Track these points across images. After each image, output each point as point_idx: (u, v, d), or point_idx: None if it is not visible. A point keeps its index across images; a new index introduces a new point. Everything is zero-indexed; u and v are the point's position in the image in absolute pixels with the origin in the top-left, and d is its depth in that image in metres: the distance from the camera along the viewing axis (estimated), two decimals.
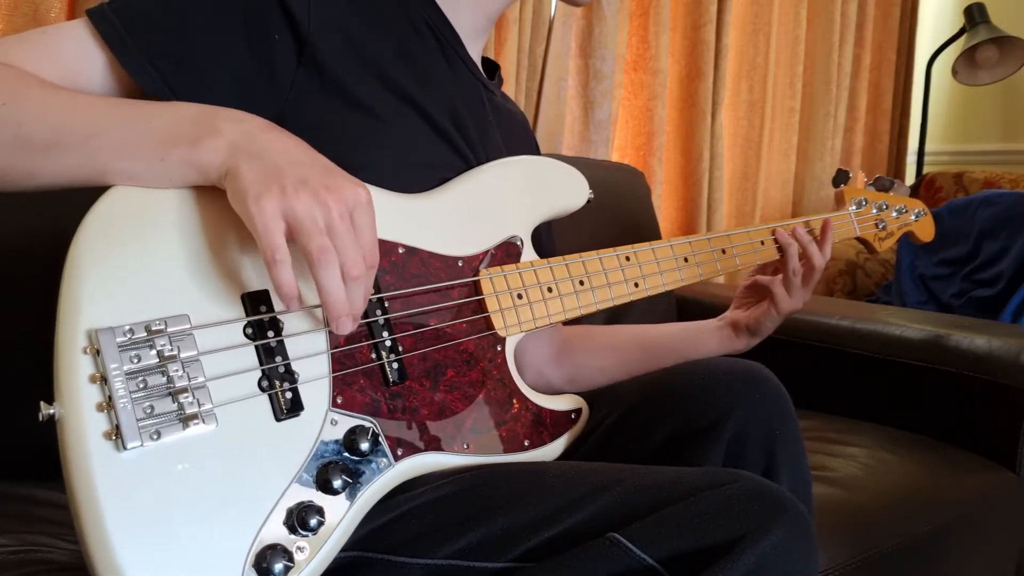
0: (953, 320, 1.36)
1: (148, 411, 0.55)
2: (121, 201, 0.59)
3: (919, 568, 1.07)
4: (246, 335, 0.60)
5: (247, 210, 0.56)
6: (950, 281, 1.80)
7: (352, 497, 0.62)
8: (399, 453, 0.66)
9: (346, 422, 0.63)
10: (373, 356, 0.66)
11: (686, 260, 0.88)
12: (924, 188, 2.23)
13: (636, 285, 0.84)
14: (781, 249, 0.92)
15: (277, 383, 0.60)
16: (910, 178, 2.58)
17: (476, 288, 0.74)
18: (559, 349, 0.96)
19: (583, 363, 0.95)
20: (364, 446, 0.62)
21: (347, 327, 0.57)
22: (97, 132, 0.59)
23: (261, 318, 0.61)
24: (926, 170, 2.41)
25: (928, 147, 2.52)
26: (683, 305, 1.62)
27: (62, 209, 0.62)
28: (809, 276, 0.91)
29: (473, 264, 0.74)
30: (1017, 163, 2.41)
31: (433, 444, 0.68)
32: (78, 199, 0.60)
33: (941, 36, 2.54)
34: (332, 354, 0.64)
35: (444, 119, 0.77)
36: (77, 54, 0.65)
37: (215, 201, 0.61)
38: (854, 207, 1.04)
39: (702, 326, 0.95)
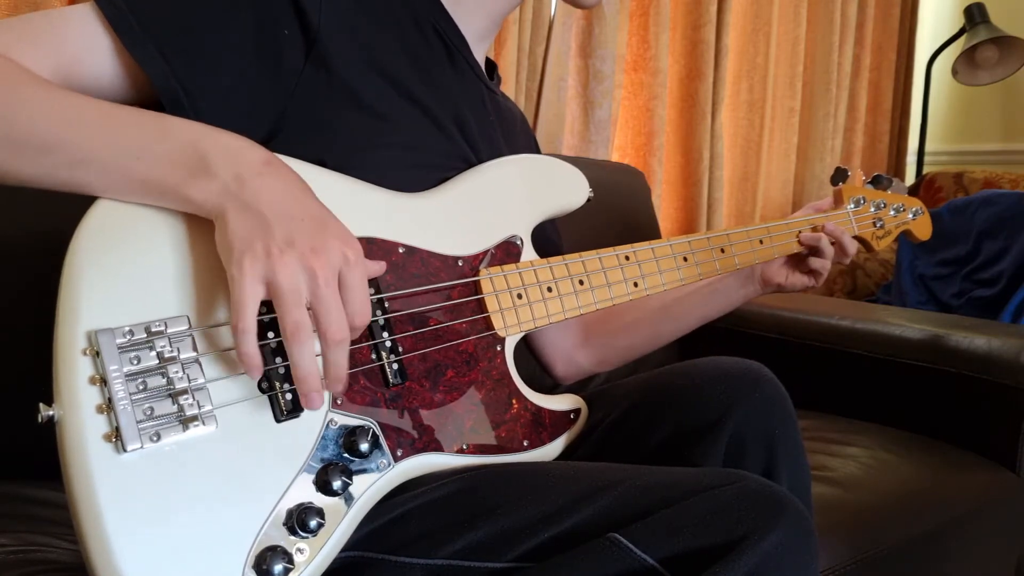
0: (953, 320, 1.36)
1: (148, 413, 0.55)
2: (120, 203, 0.59)
3: (919, 568, 1.07)
4: None
5: (229, 268, 0.55)
6: (950, 281, 1.80)
7: (352, 498, 0.62)
8: (399, 454, 0.66)
9: (346, 423, 0.63)
10: (373, 357, 0.66)
11: (685, 260, 0.88)
12: (924, 188, 2.23)
13: (635, 285, 0.84)
14: (813, 249, 0.97)
15: (277, 384, 0.60)
16: (910, 178, 2.58)
17: (476, 288, 0.74)
18: (585, 333, 0.98)
19: (611, 343, 0.97)
20: (364, 447, 0.62)
21: (316, 403, 0.56)
22: (89, 159, 0.58)
23: (261, 319, 0.61)
24: (926, 170, 2.41)
25: (928, 147, 2.52)
26: None
27: (62, 209, 0.62)
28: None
29: (473, 264, 0.74)
30: (1017, 163, 2.41)
31: (433, 444, 0.68)
32: (78, 199, 0.59)
33: (941, 36, 2.54)
34: None
35: (448, 121, 0.77)
36: (82, 39, 0.63)
37: None
38: (852, 205, 1.04)
39: (728, 284, 0.98)
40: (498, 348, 0.74)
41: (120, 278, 0.57)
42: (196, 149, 0.58)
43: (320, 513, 0.59)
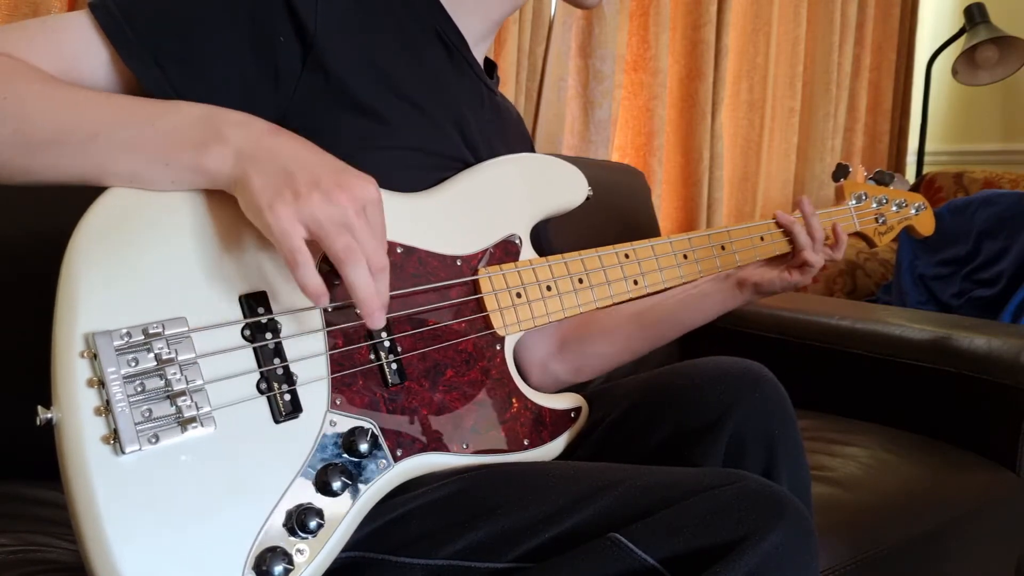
0: (953, 320, 1.36)
1: (146, 415, 0.55)
2: (117, 204, 0.59)
3: (919, 568, 1.07)
4: (244, 337, 0.60)
5: (263, 219, 0.56)
6: (950, 281, 1.80)
7: (352, 498, 0.62)
8: (398, 454, 0.65)
9: (345, 423, 0.63)
10: (372, 357, 0.66)
11: (685, 257, 0.88)
12: (924, 188, 2.23)
13: (635, 283, 0.84)
14: (788, 232, 0.94)
15: (275, 385, 0.60)
16: (910, 178, 2.57)
17: (475, 287, 0.74)
18: (560, 342, 0.97)
19: (587, 351, 0.96)
20: (363, 447, 0.62)
21: (381, 320, 0.58)
22: (99, 133, 0.59)
23: (259, 320, 0.61)
24: (926, 170, 2.41)
25: (928, 147, 2.52)
26: None
27: (62, 209, 0.62)
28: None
29: (472, 263, 0.74)
30: (1017, 163, 2.41)
31: (433, 444, 0.68)
32: (78, 200, 0.59)
33: (941, 36, 2.54)
34: (330, 355, 0.64)
35: (447, 121, 0.77)
36: (78, 47, 0.64)
37: (212, 203, 0.61)
38: (854, 201, 1.04)
39: (702, 288, 0.95)
40: (497, 347, 0.74)
41: (118, 280, 0.57)
42: (207, 120, 0.60)
43: (320, 514, 0.59)
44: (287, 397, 0.60)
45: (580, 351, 0.96)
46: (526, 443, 0.74)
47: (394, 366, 0.67)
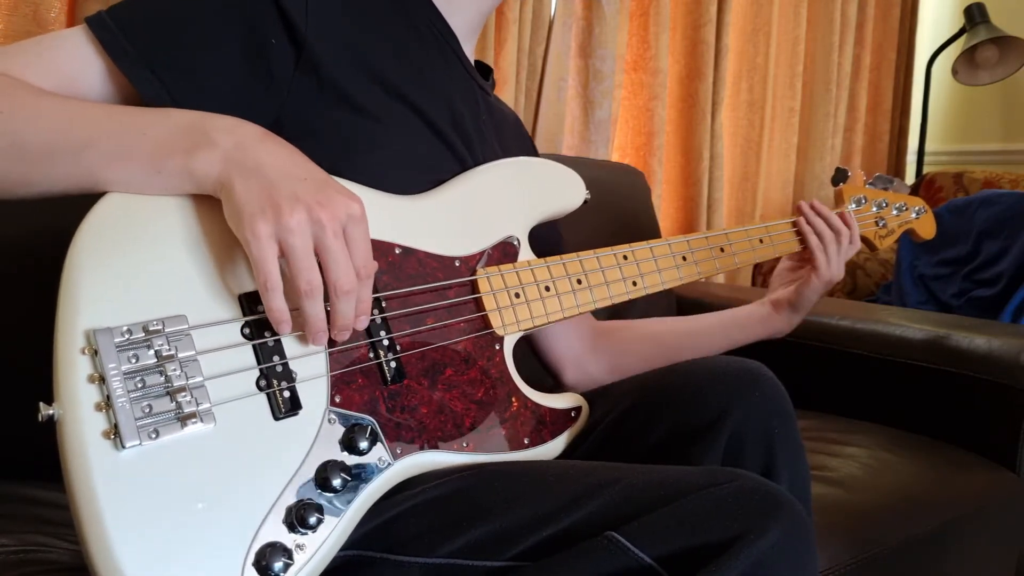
0: (953, 320, 1.36)
1: (146, 410, 0.55)
2: (119, 204, 0.60)
3: (919, 568, 1.07)
4: (243, 335, 0.60)
5: (242, 233, 0.57)
6: (950, 281, 1.80)
7: (351, 495, 0.62)
8: (398, 451, 0.66)
9: (345, 420, 0.63)
10: (371, 355, 0.66)
11: (684, 259, 0.88)
12: (924, 188, 2.22)
13: (634, 284, 0.84)
14: (802, 232, 0.97)
15: (275, 382, 0.60)
16: (910, 178, 2.57)
17: (473, 287, 0.74)
18: (594, 340, 0.97)
19: (626, 351, 0.97)
20: (363, 444, 0.62)
21: (323, 340, 0.60)
22: (92, 141, 0.60)
23: (259, 318, 0.61)
24: (926, 170, 2.41)
25: (928, 147, 2.52)
26: (683, 306, 1.61)
27: (62, 209, 0.63)
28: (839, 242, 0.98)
29: (470, 264, 0.74)
30: (1017, 163, 2.41)
31: (432, 442, 0.68)
32: (78, 199, 0.60)
33: (941, 36, 2.54)
34: (330, 353, 0.64)
35: (441, 120, 0.77)
36: (75, 62, 0.65)
37: (212, 203, 0.61)
38: (853, 205, 1.04)
39: (741, 314, 0.98)
40: (496, 347, 0.74)
41: (120, 277, 0.57)
42: (197, 126, 0.61)
43: (320, 510, 0.59)
44: (286, 394, 0.61)
45: (617, 350, 0.97)
46: (526, 442, 0.74)
47: (393, 364, 0.67)
